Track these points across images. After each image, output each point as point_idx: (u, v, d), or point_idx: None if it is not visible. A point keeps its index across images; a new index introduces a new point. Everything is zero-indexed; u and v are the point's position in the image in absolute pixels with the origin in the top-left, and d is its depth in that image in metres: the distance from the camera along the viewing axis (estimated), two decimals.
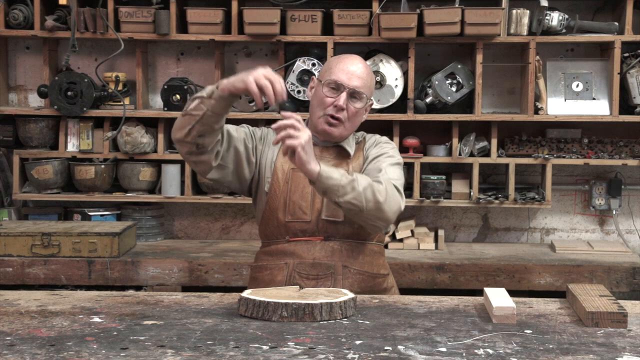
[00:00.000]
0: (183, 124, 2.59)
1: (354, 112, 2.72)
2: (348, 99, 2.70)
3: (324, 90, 2.71)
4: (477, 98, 4.10)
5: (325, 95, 2.71)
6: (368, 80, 2.75)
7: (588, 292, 2.42)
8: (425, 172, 4.27)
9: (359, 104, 2.72)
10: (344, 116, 2.70)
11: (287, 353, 1.93)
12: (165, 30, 4.13)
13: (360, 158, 2.78)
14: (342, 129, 2.73)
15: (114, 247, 3.83)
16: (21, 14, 4.16)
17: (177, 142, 2.63)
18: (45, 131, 4.24)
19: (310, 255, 2.68)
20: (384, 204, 2.53)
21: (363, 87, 2.72)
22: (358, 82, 2.71)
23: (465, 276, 3.83)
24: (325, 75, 2.74)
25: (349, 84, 2.70)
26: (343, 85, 2.70)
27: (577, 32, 4.10)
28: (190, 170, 4.23)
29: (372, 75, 2.80)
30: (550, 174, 4.16)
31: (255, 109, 4.18)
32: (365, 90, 2.73)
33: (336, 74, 2.71)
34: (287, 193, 2.72)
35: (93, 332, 2.11)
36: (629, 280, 3.79)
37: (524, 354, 1.95)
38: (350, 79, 2.70)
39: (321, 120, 2.72)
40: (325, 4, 4.28)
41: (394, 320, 2.25)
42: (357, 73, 2.72)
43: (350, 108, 2.71)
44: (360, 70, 2.73)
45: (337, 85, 2.70)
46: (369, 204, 2.51)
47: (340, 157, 2.77)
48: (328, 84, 2.71)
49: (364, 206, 2.51)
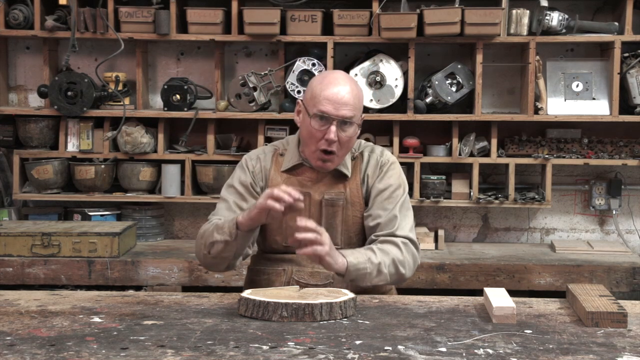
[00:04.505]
0: (216, 263, 2.60)
1: (346, 139, 2.60)
2: (338, 128, 2.57)
3: (312, 123, 2.58)
4: (477, 98, 4.10)
5: (315, 128, 2.58)
6: (356, 102, 2.60)
7: (588, 292, 2.42)
8: (425, 172, 4.27)
9: (350, 129, 2.59)
10: (337, 147, 2.60)
11: (287, 353, 1.93)
12: (165, 30, 4.13)
13: (357, 178, 2.70)
14: (336, 161, 2.64)
15: (114, 247, 3.83)
16: (21, 14, 4.16)
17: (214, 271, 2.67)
18: (45, 131, 4.24)
19: (310, 264, 2.65)
20: (405, 274, 2.61)
21: (352, 111, 2.58)
22: (346, 109, 2.56)
23: (465, 276, 3.83)
24: (310, 105, 2.59)
25: (337, 114, 2.55)
26: (331, 117, 2.56)
27: (577, 32, 4.10)
28: (191, 170, 4.23)
29: (359, 92, 2.64)
30: (550, 174, 4.16)
31: (255, 109, 4.18)
32: (355, 114, 2.59)
33: (322, 104, 2.56)
34: (282, 217, 2.67)
35: (93, 332, 2.11)
36: (629, 280, 3.79)
37: (524, 354, 1.95)
38: (337, 109, 2.56)
39: (314, 156, 2.62)
40: (325, 4, 4.27)
41: (394, 320, 2.25)
42: (344, 100, 2.56)
43: (342, 137, 2.58)
44: (346, 95, 2.57)
45: (325, 117, 2.56)
46: (392, 277, 2.59)
47: (336, 179, 2.69)
48: (315, 115, 2.57)
49: (388, 281, 2.60)
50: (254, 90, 4.16)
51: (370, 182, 2.70)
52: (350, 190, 2.68)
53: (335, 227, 2.66)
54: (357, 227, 2.70)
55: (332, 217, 2.67)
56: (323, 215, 2.66)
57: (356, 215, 2.69)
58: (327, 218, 2.66)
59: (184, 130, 4.23)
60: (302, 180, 2.68)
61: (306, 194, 2.65)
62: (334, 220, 2.67)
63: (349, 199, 2.68)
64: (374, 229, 2.65)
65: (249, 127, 4.31)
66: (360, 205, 2.69)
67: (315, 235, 2.41)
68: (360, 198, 2.69)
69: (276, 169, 2.71)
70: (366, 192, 2.71)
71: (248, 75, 4.16)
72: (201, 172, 4.22)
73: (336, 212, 2.66)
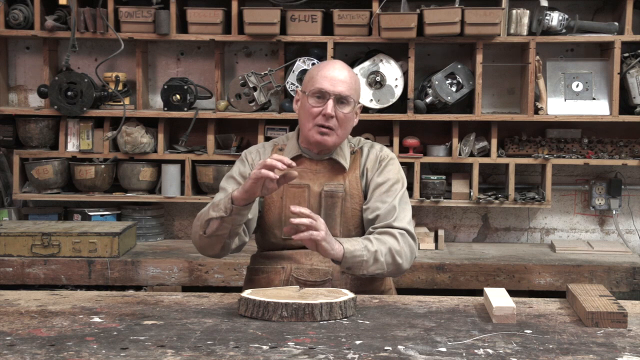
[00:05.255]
0: (211, 243, 2.59)
1: (344, 117, 2.65)
2: (335, 106, 2.64)
3: (310, 101, 2.65)
4: (477, 98, 4.10)
5: (312, 105, 2.65)
6: (353, 83, 2.68)
7: (588, 292, 2.42)
8: (425, 172, 4.27)
9: (347, 108, 2.66)
10: (334, 124, 2.65)
11: (287, 353, 1.93)
12: (165, 30, 4.13)
13: (356, 171, 2.74)
14: (335, 137, 2.67)
15: (114, 247, 3.83)
16: (21, 14, 4.15)
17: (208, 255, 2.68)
18: (45, 131, 4.24)
19: (309, 261, 2.67)
20: (402, 264, 2.60)
21: (349, 90, 2.66)
22: (343, 86, 2.64)
23: (465, 276, 3.83)
24: (308, 86, 2.68)
25: (334, 90, 2.63)
26: (328, 93, 2.63)
27: (577, 32, 4.10)
28: (191, 170, 4.23)
29: (356, 77, 2.73)
30: (550, 174, 4.16)
31: (255, 109, 4.18)
32: (352, 94, 2.67)
33: (319, 82, 2.65)
34: (282, 209, 2.70)
35: (93, 332, 2.11)
36: (629, 280, 3.80)
37: (524, 354, 1.95)
38: (334, 85, 2.64)
39: (312, 132, 2.67)
40: (325, 4, 4.27)
41: (394, 320, 2.25)
42: (340, 78, 2.65)
43: (339, 114, 2.64)
44: (343, 74, 2.67)
45: (322, 93, 2.64)
46: (389, 267, 2.58)
47: (335, 171, 2.73)
48: (313, 93, 2.65)
49: (385, 271, 2.59)
50: (254, 90, 4.16)
51: (369, 175, 2.73)
52: (349, 183, 2.71)
53: (334, 218, 2.68)
54: (356, 220, 2.72)
55: (331, 208, 2.68)
56: (322, 206, 2.69)
57: (355, 207, 2.71)
58: (326, 209, 2.68)
59: (184, 130, 4.23)
60: (301, 172, 2.69)
61: (305, 186, 2.70)
62: (333, 211, 2.68)
63: (348, 191, 2.70)
64: (373, 222, 2.67)
65: (249, 127, 4.31)
66: (359, 198, 2.71)
67: (311, 221, 2.43)
68: (359, 191, 2.72)
69: None
70: (365, 185, 2.73)
71: (248, 75, 4.16)
72: (201, 172, 4.22)
73: (335, 203, 2.68)
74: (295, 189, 2.69)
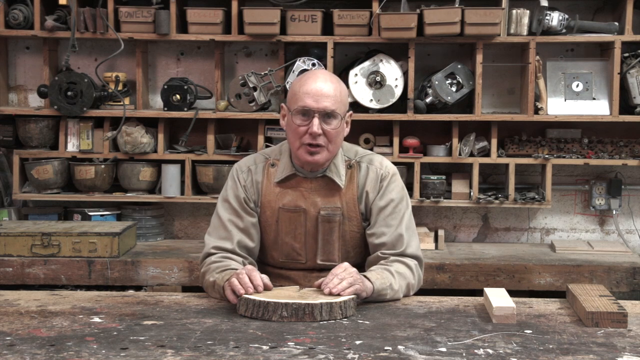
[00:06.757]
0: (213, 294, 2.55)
1: (332, 132, 2.54)
2: (321, 122, 2.52)
3: (295, 120, 2.54)
4: (477, 98, 4.10)
5: (297, 125, 2.53)
6: (338, 95, 2.55)
7: (588, 292, 2.42)
8: (425, 172, 4.27)
9: (335, 122, 2.54)
10: (323, 141, 2.54)
11: (287, 353, 1.93)
12: (165, 30, 4.13)
13: (353, 190, 2.64)
14: (325, 154, 2.56)
15: (114, 247, 3.83)
16: (21, 14, 4.15)
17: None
18: (45, 131, 4.24)
19: (307, 283, 2.62)
20: (410, 293, 2.60)
21: (334, 104, 2.53)
22: (327, 101, 2.52)
23: (465, 276, 3.83)
24: (292, 103, 2.56)
25: (318, 106, 2.51)
26: (312, 110, 2.51)
27: (577, 32, 4.10)
28: (191, 170, 4.23)
29: (341, 87, 2.59)
30: (550, 174, 4.16)
31: (255, 109, 4.18)
32: (337, 107, 2.54)
33: (302, 99, 2.52)
34: (277, 233, 2.65)
35: (93, 332, 2.11)
36: (629, 280, 3.79)
37: (524, 354, 1.95)
38: (318, 101, 2.51)
39: (301, 152, 2.56)
40: (325, 4, 4.27)
41: (394, 320, 2.25)
42: (323, 91, 2.52)
43: (327, 130, 2.53)
44: (326, 87, 2.53)
45: (306, 111, 2.52)
46: (402, 296, 2.57)
47: (331, 189, 2.64)
48: (297, 112, 2.53)
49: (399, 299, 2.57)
50: (254, 90, 4.16)
51: (370, 197, 2.65)
52: (346, 204, 2.64)
53: (332, 243, 2.64)
54: (355, 242, 2.67)
55: (329, 233, 2.63)
56: (319, 231, 2.63)
57: (353, 230, 2.66)
58: (323, 235, 2.63)
59: (184, 130, 4.23)
60: (296, 194, 2.63)
61: (301, 210, 2.63)
62: (331, 236, 2.63)
63: (345, 214, 2.64)
64: (379, 247, 2.62)
65: (249, 127, 4.31)
66: (357, 220, 2.65)
67: (348, 276, 2.37)
68: (357, 213, 2.65)
69: (268, 181, 2.66)
70: (365, 208, 2.66)
71: (248, 75, 4.16)
72: (201, 172, 4.22)
73: (333, 228, 2.63)
74: (291, 213, 2.63)
